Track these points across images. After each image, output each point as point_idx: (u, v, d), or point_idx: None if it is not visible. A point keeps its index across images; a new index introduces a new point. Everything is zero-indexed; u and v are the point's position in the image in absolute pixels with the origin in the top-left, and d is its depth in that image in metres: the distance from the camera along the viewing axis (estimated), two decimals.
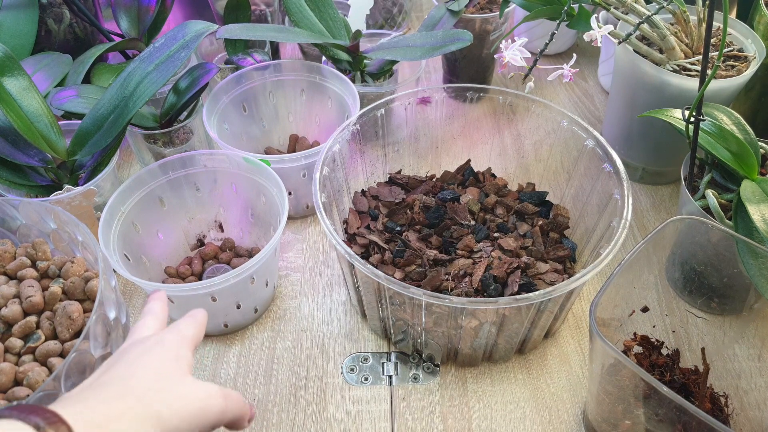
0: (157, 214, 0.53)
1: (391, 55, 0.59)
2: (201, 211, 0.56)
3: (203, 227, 0.57)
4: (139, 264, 0.51)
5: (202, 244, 0.58)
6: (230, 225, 0.58)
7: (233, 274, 0.44)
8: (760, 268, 0.42)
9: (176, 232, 0.56)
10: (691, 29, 0.55)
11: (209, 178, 0.54)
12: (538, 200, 0.56)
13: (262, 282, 0.50)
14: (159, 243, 0.54)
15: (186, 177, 0.53)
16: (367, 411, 0.46)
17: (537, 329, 0.46)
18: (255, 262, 0.45)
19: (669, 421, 0.34)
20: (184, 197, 0.54)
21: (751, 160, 0.47)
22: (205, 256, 0.56)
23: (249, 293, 0.49)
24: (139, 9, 0.62)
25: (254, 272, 0.46)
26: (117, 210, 0.49)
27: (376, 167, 0.59)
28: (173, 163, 0.52)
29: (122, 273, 0.44)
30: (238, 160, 0.52)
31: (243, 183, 0.54)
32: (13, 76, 0.48)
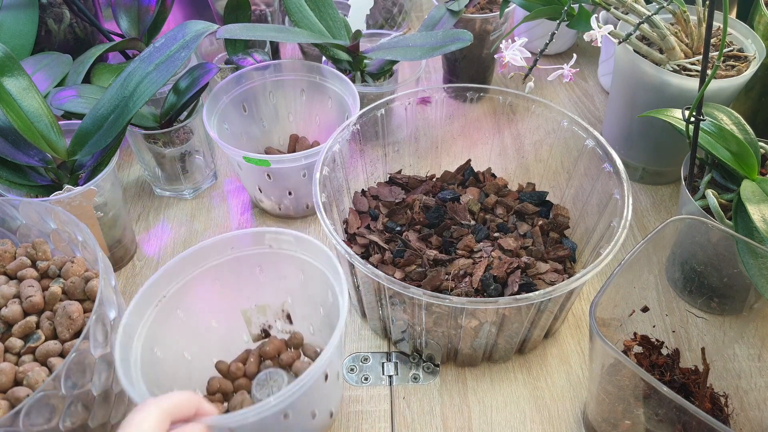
0: (210, 299, 0.44)
1: (391, 55, 0.59)
2: (266, 297, 0.47)
3: (269, 317, 0.48)
4: (178, 359, 0.43)
5: (268, 335, 0.49)
6: (299, 317, 0.48)
7: (254, 411, 0.32)
8: (760, 268, 0.42)
9: (236, 320, 0.47)
10: (691, 29, 0.55)
11: (273, 259, 0.45)
12: (538, 200, 0.56)
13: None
14: (211, 332, 0.46)
15: (248, 257, 0.44)
16: (367, 411, 0.46)
17: (537, 329, 0.46)
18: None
19: (669, 421, 0.34)
20: (246, 280, 0.45)
21: (751, 160, 0.47)
22: (264, 355, 0.46)
23: (317, 398, 0.39)
24: (139, 9, 0.62)
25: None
26: (156, 294, 0.40)
27: (376, 167, 0.59)
28: (233, 240, 0.43)
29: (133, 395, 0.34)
30: (307, 245, 0.42)
31: (309, 272, 0.44)
32: (13, 76, 0.48)
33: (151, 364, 0.39)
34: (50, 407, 0.36)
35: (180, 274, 0.42)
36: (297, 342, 0.47)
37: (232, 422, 0.33)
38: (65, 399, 0.36)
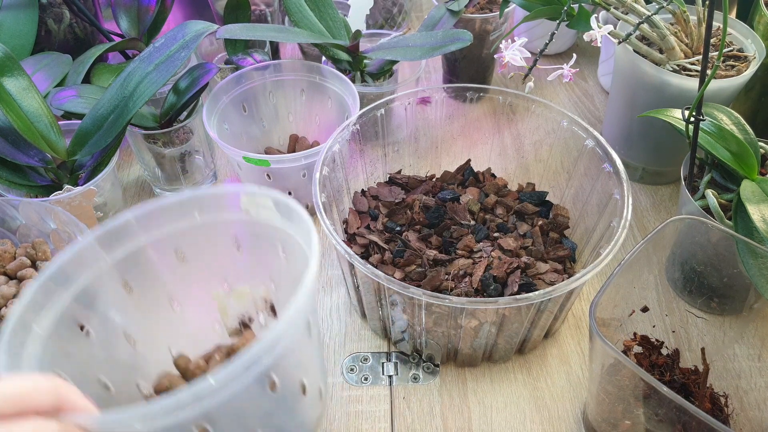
0: (173, 274, 0.36)
1: (391, 55, 0.59)
2: (244, 280, 0.38)
3: (249, 306, 0.39)
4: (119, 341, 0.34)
5: (247, 327, 0.40)
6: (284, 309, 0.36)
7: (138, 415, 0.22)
8: (759, 268, 0.42)
9: (206, 306, 0.38)
10: (691, 29, 0.55)
11: (252, 231, 0.35)
12: (538, 200, 0.56)
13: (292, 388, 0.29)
14: (174, 317, 0.37)
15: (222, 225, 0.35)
16: (366, 411, 0.46)
17: (537, 329, 0.46)
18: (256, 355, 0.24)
19: (669, 421, 0.34)
20: (219, 255, 0.37)
21: (750, 160, 0.47)
22: (233, 353, 0.37)
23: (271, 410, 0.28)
24: (139, 9, 0.62)
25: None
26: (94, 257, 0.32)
27: (376, 167, 0.59)
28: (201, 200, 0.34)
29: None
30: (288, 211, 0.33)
31: (293, 251, 0.34)
32: (13, 76, 0.48)
33: (69, 342, 0.31)
34: None
35: (129, 236, 0.33)
36: None
37: (108, 427, 0.22)
38: None
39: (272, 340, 0.24)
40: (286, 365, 0.28)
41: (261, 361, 0.24)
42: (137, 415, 0.22)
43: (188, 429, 0.25)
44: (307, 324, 0.29)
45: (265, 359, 0.24)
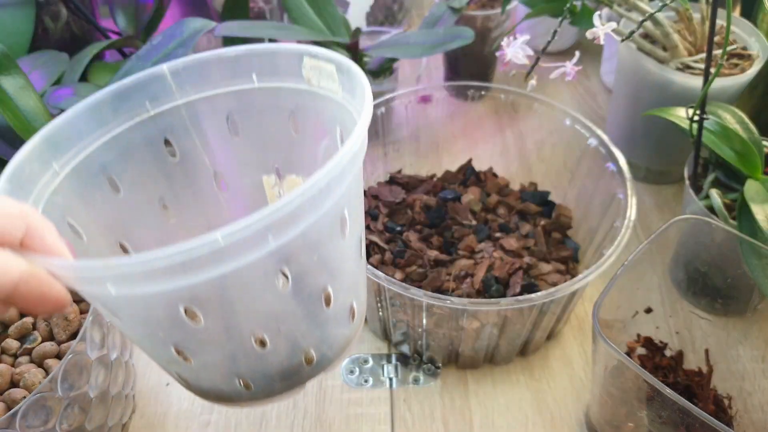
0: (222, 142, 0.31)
1: (391, 52, 0.58)
2: (298, 165, 0.33)
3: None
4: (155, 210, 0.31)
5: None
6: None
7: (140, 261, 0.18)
8: (763, 268, 0.41)
9: (253, 189, 0.34)
10: (695, 27, 0.55)
11: (312, 105, 0.30)
12: (541, 200, 0.55)
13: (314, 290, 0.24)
14: (221, 198, 0.33)
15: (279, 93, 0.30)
16: (367, 413, 0.45)
17: (539, 331, 0.46)
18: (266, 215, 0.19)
19: (672, 423, 0.34)
20: (273, 132, 0.32)
21: (754, 159, 0.46)
22: None
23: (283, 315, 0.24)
24: (137, 7, 0.62)
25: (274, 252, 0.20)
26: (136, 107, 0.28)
27: (376, 166, 0.59)
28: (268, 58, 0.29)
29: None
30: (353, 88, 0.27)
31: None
32: (10, 74, 0.48)
33: (94, 193, 0.28)
34: (47, 409, 0.35)
35: (175, 89, 0.29)
36: None
37: (73, 273, 0.19)
38: (62, 401, 0.36)
39: (283, 209, 0.19)
40: (304, 261, 0.22)
41: (266, 237, 0.19)
42: (114, 269, 0.18)
43: (173, 305, 0.21)
44: (342, 218, 0.23)
45: (273, 237, 0.19)
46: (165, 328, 0.22)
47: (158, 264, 0.18)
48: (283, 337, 0.24)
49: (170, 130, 0.30)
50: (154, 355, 0.26)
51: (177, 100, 0.30)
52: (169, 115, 0.30)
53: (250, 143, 0.32)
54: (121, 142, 0.29)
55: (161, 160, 0.31)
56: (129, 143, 0.29)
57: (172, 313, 0.21)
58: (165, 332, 0.23)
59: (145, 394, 0.47)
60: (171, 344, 0.23)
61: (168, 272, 0.18)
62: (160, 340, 0.23)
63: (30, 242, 0.19)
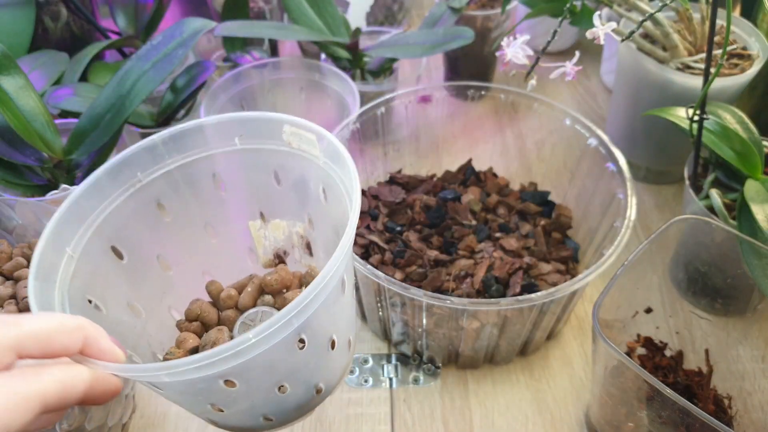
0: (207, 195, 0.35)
1: (391, 52, 0.58)
2: (282, 213, 0.37)
3: (285, 241, 0.39)
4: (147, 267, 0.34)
5: (282, 261, 0.40)
6: (320, 249, 0.38)
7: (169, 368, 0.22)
8: (763, 268, 0.41)
9: (242, 233, 0.38)
10: (695, 27, 0.55)
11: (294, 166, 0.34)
12: (541, 200, 0.55)
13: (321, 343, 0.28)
14: (208, 243, 0.37)
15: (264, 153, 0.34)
16: (367, 413, 0.45)
17: (539, 331, 0.46)
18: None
19: (672, 423, 0.34)
20: (258, 183, 0.35)
21: (754, 159, 0.46)
22: (266, 287, 0.35)
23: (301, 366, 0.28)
24: (136, 6, 0.62)
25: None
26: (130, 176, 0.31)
27: (376, 166, 0.59)
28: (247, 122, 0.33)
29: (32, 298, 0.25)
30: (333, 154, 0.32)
31: (334, 191, 0.33)
32: (10, 74, 0.47)
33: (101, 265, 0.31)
34: None
35: (165, 155, 0.32)
36: (311, 279, 0.36)
37: (130, 375, 0.23)
38: None
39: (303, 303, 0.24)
40: (317, 325, 0.27)
41: (291, 323, 0.24)
42: (166, 369, 0.22)
43: (214, 380, 0.25)
44: (342, 282, 0.28)
45: (296, 321, 0.24)
46: (204, 394, 0.26)
47: (204, 362, 0.22)
48: (300, 382, 0.29)
49: (162, 194, 0.34)
50: (189, 409, 0.29)
51: (168, 166, 0.33)
52: (160, 180, 0.33)
53: (236, 196, 0.36)
54: (120, 213, 0.32)
55: (156, 221, 0.34)
56: (126, 213, 0.32)
57: (212, 385, 0.25)
58: (204, 396, 0.27)
59: (145, 394, 0.47)
60: (207, 403, 0.27)
61: (211, 365, 0.23)
62: (198, 401, 0.27)
63: (89, 350, 0.23)
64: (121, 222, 0.32)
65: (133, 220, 0.33)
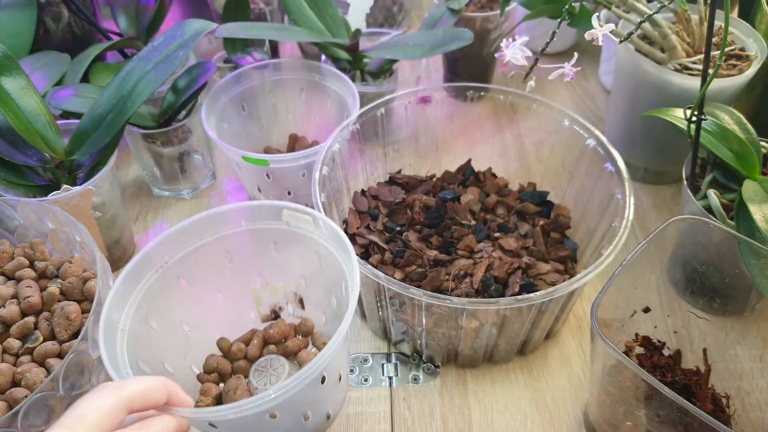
0: (218, 270, 0.42)
1: (391, 54, 0.59)
2: (279, 276, 0.45)
3: (280, 298, 0.46)
4: (174, 330, 0.41)
5: (277, 316, 0.47)
6: (312, 304, 0.46)
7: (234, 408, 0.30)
8: (761, 268, 0.41)
9: (244, 296, 0.45)
10: (693, 28, 0.55)
11: (290, 238, 0.42)
12: (539, 200, 0.55)
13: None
14: (218, 306, 0.44)
15: (263, 231, 0.42)
16: (367, 412, 0.46)
17: (538, 330, 0.46)
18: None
19: (670, 422, 0.34)
20: (259, 255, 0.43)
21: (752, 159, 0.46)
22: (269, 339, 0.44)
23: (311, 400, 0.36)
24: (138, 8, 0.62)
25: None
26: (157, 259, 0.39)
27: (376, 167, 0.59)
28: (248, 210, 0.41)
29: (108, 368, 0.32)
30: (330, 231, 0.40)
31: (326, 258, 0.41)
32: (11, 75, 0.48)
33: (142, 335, 0.37)
34: (48, 408, 0.36)
35: (187, 241, 0.40)
36: (306, 329, 0.45)
37: (208, 417, 0.31)
38: (63, 400, 0.36)
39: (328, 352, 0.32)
40: (332, 365, 0.36)
41: (318, 367, 0.32)
42: (234, 408, 0.30)
43: (264, 415, 0.33)
44: (346, 335, 0.35)
45: (321, 365, 0.32)
46: (252, 427, 0.34)
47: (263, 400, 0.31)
48: (318, 410, 0.38)
49: (184, 271, 0.41)
50: None
51: (189, 248, 0.41)
52: (182, 260, 0.41)
53: (242, 265, 0.44)
54: (149, 293, 0.39)
55: (178, 293, 0.42)
56: (154, 291, 0.39)
57: (261, 418, 0.33)
58: (251, 428, 0.34)
59: None
60: None
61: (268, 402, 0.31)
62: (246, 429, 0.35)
63: (172, 401, 0.29)
64: (150, 300, 0.38)
65: (161, 297, 0.39)
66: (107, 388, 0.27)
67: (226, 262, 0.42)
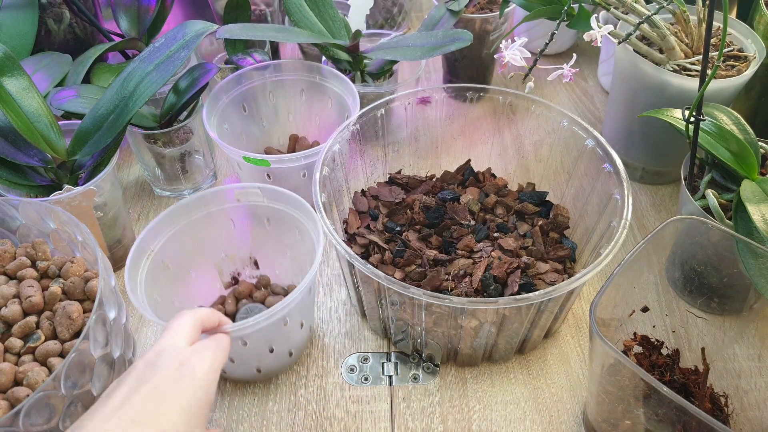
0: (188, 252, 0.50)
1: (391, 55, 0.59)
2: (236, 247, 0.53)
3: (238, 264, 0.54)
4: (169, 305, 0.48)
5: (237, 282, 0.55)
6: (266, 262, 0.54)
7: (263, 316, 0.40)
8: (759, 268, 0.42)
9: (210, 270, 0.53)
10: (691, 29, 0.55)
11: (243, 212, 0.50)
12: (538, 200, 0.56)
13: (296, 324, 0.46)
14: (191, 282, 0.51)
15: (217, 213, 0.50)
16: (367, 411, 0.46)
17: (537, 329, 0.46)
18: (287, 303, 0.41)
19: (669, 421, 0.34)
20: (218, 233, 0.51)
21: (750, 160, 0.46)
22: (239, 295, 0.53)
23: (283, 337, 0.45)
24: (139, 9, 0.62)
25: (287, 314, 0.43)
26: (146, 249, 0.46)
27: (376, 167, 0.59)
28: (206, 197, 0.49)
29: (150, 317, 0.41)
30: (274, 194, 0.48)
31: (277, 218, 0.50)
32: (13, 76, 0.48)
33: (154, 306, 0.46)
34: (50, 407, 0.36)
35: (163, 230, 0.47)
36: (265, 282, 0.54)
37: (248, 329, 0.40)
38: (65, 399, 0.36)
39: (289, 300, 0.41)
40: (293, 312, 0.44)
41: (281, 311, 0.41)
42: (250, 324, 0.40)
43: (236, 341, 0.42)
44: (310, 288, 0.44)
45: (284, 310, 0.41)
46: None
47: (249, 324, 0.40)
48: (282, 347, 0.46)
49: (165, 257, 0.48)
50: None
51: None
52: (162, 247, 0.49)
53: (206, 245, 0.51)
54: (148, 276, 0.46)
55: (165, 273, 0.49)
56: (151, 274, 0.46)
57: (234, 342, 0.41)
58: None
59: None
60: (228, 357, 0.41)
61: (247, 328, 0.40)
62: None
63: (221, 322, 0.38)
64: (151, 279, 0.46)
65: (155, 276, 0.47)
66: (185, 313, 0.35)
67: (194, 242, 0.50)
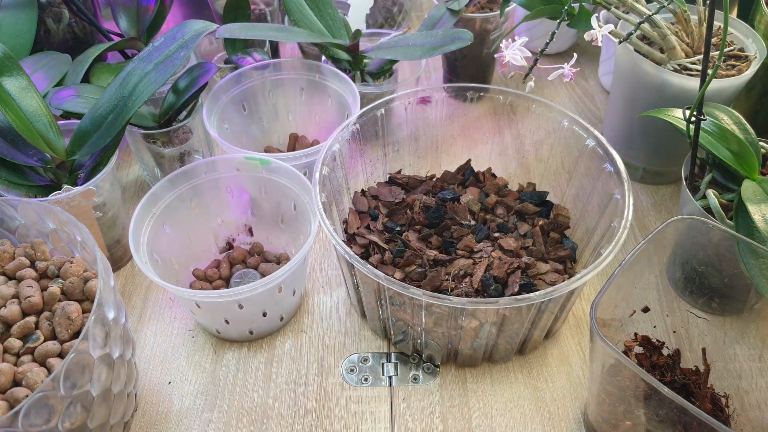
0: (188, 217, 0.52)
1: (391, 54, 0.59)
2: (232, 214, 0.55)
3: (233, 231, 0.57)
4: (168, 266, 0.51)
5: (231, 247, 0.57)
6: (260, 229, 0.57)
7: (261, 283, 0.43)
8: (760, 268, 0.41)
9: (206, 235, 0.55)
10: (692, 29, 0.55)
11: (240, 182, 0.53)
12: (539, 200, 0.55)
13: (289, 291, 0.49)
14: (188, 245, 0.54)
15: (218, 180, 0.52)
16: (366, 412, 0.46)
17: (537, 329, 0.46)
18: (284, 272, 0.44)
19: (670, 421, 0.34)
20: (216, 200, 0.54)
21: (751, 159, 0.46)
22: (233, 261, 0.55)
23: (276, 302, 0.48)
24: (138, 8, 0.62)
25: (282, 281, 0.46)
26: (148, 212, 0.49)
27: (376, 167, 0.59)
28: (205, 166, 0.52)
29: (150, 276, 0.43)
30: (271, 166, 0.51)
31: (274, 188, 0.53)
32: (12, 75, 0.48)
33: (154, 265, 0.49)
34: (49, 408, 0.36)
35: (164, 195, 0.50)
36: (258, 250, 0.56)
37: (245, 293, 0.43)
38: (64, 399, 0.36)
39: (286, 269, 0.44)
40: (287, 281, 0.47)
41: (277, 279, 0.44)
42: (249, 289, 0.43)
43: (234, 304, 0.46)
44: (304, 259, 0.48)
45: (280, 278, 0.44)
46: (226, 311, 0.47)
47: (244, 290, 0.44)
48: (274, 311, 0.50)
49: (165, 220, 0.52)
50: (209, 322, 0.50)
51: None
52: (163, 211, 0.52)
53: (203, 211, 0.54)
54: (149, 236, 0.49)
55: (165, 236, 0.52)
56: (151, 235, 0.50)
57: (231, 306, 0.46)
58: (224, 312, 0.47)
59: (147, 392, 0.47)
60: (223, 317, 0.48)
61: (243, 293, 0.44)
62: (218, 315, 0.48)
63: None
64: (152, 238, 0.49)
65: (156, 237, 0.50)
66: None
67: (192, 208, 0.53)
